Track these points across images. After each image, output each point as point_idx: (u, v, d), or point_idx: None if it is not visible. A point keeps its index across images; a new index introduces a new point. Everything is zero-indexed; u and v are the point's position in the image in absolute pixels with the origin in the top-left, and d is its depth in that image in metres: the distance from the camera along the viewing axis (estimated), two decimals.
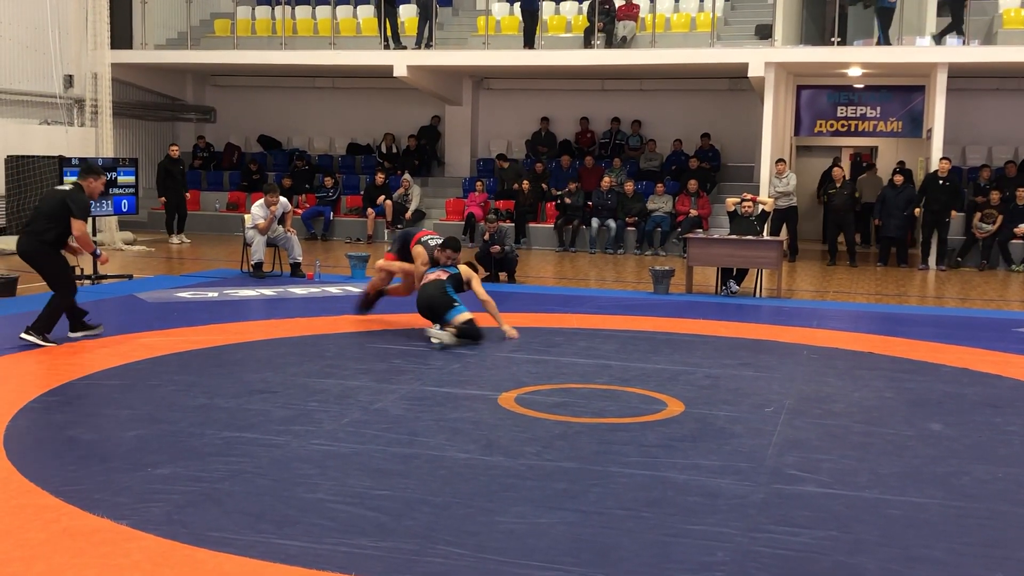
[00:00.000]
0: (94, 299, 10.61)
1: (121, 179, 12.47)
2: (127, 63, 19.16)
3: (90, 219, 8.01)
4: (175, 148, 18.03)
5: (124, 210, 12.71)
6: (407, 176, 19.02)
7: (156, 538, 4.09)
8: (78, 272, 11.78)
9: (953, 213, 15.54)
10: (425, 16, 18.38)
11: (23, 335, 8.01)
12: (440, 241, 9.22)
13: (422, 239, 9.40)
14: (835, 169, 16.83)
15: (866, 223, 17.37)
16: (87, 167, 8.71)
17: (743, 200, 12.48)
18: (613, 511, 4.52)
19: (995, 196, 15.88)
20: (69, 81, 18.27)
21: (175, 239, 17.34)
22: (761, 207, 12.55)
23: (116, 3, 18.61)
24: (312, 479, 4.86)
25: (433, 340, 8.36)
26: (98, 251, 8.65)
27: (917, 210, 15.73)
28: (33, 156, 16.38)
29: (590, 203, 17.66)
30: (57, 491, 4.60)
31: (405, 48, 18.46)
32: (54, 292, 8.20)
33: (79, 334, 8.40)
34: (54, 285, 8.21)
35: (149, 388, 6.73)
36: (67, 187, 8.41)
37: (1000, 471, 5.27)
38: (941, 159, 15.44)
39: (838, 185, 16.18)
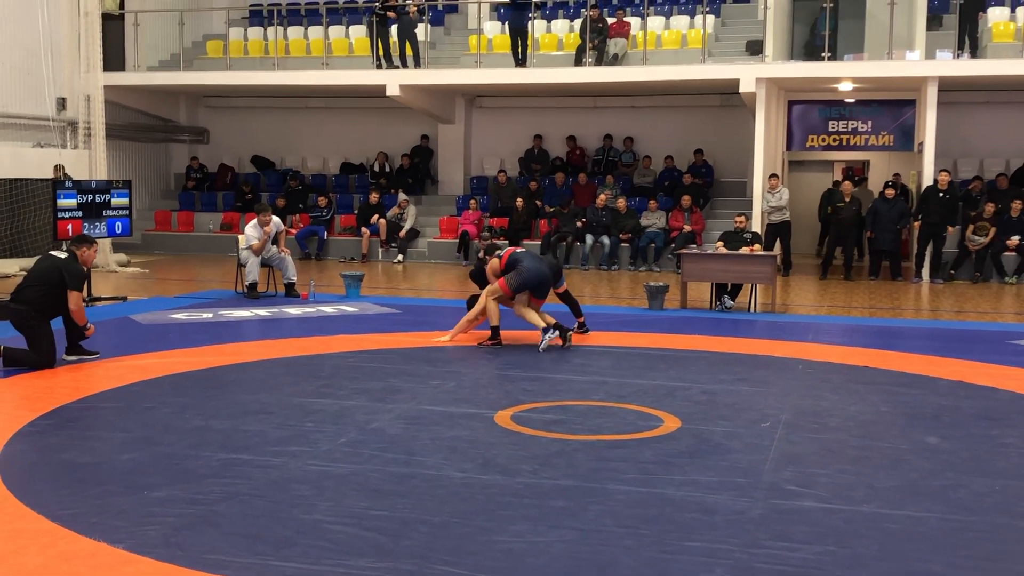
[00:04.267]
0: (89, 321, 10.58)
1: (115, 201, 12.45)
2: (120, 85, 19.18)
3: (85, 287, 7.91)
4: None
5: (118, 232, 12.70)
6: (403, 196, 19.04)
7: (153, 561, 4.07)
8: None
9: (949, 229, 15.56)
10: (404, 36, 18.38)
11: None
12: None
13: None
14: (844, 183, 16.87)
15: (858, 236, 17.43)
16: (80, 237, 8.77)
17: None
18: (611, 528, 4.51)
19: (990, 208, 15.92)
20: (62, 104, 18.28)
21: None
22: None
23: (108, 25, 18.64)
24: (309, 500, 4.85)
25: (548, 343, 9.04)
26: (88, 326, 8.35)
27: (916, 223, 15.77)
28: (26, 179, 16.37)
29: (584, 220, 17.69)
30: (53, 515, 4.58)
31: (398, 67, 18.50)
32: (34, 354, 8.05)
33: (74, 357, 8.40)
34: (36, 352, 8.06)
35: (144, 410, 6.71)
36: (62, 255, 8.35)
37: (997, 484, 5.27)
38: (940, 172, 15.49)
39: (847, 200, 16.21)
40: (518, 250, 9.84)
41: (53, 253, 8.47)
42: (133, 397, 7.10)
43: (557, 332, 9.19)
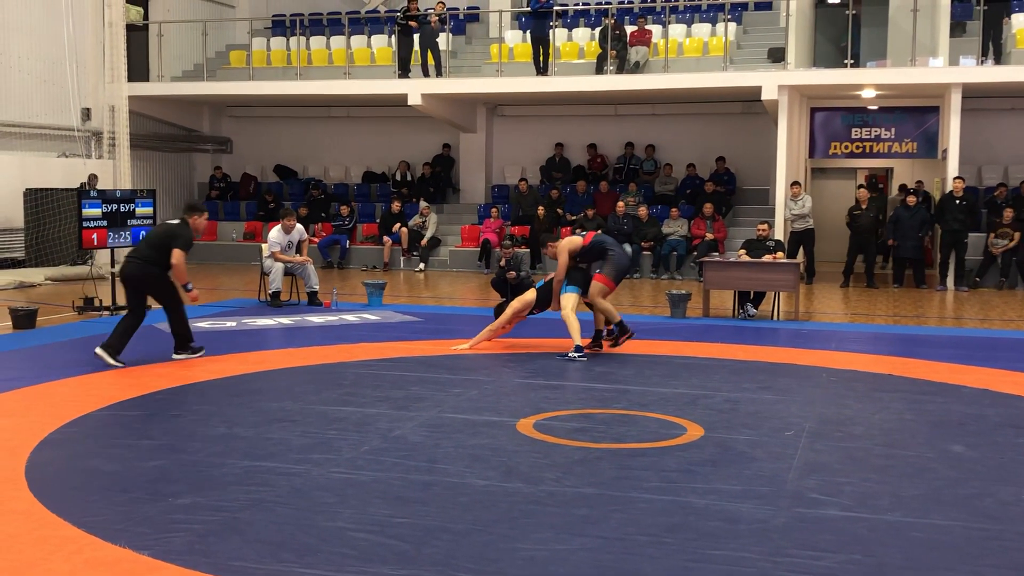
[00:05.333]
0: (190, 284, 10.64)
1: (139, 211, 12.53)
2: (144, 95, 19.35)
3: (183, 252, 8.79)
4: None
5: None
6: (425, 204, 19.09)
7: (178, 568, 4.09)
8: (96, 303, 11.90)
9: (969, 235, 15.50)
10: (427, 45, 18.44)
11: (97, 351, 8.51)
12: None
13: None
14: (859, 190, 16.81)
15: (882, 243, 17.37)
16: (191, 204, 9.34)
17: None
18: (634, 537, 4.50)
19: (1008, 214, 15.84)
20: (87, 114, 18.45)
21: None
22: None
23: (133, 36, 18.79)
24: (332, 507, 4.86)
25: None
26: (189, 285, 8.99)
27: (929, 235, 15.74)
28: (51, 189, 16.53)
29: (605, 228, 17.67)
30: (79, 522, 4.61)
31: (419, 77, 18.56)
32: (166, 311, 8.84)
33: (182, 356, 8.91)
34: (164, 304, 8.84)
35: (169, 418, 6.75)
36: (175, 221, 9.02)
37: (1023, 493, 5.23)
38: (955, 179, 15.42)
39: (863, 207, 16.15)
40: (600, 234, 9.80)
41: (168, 221, 9.15)
42: (158, 405, 7.14)
43: (584, 358, 9.08)
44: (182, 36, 20.96)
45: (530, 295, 9.74)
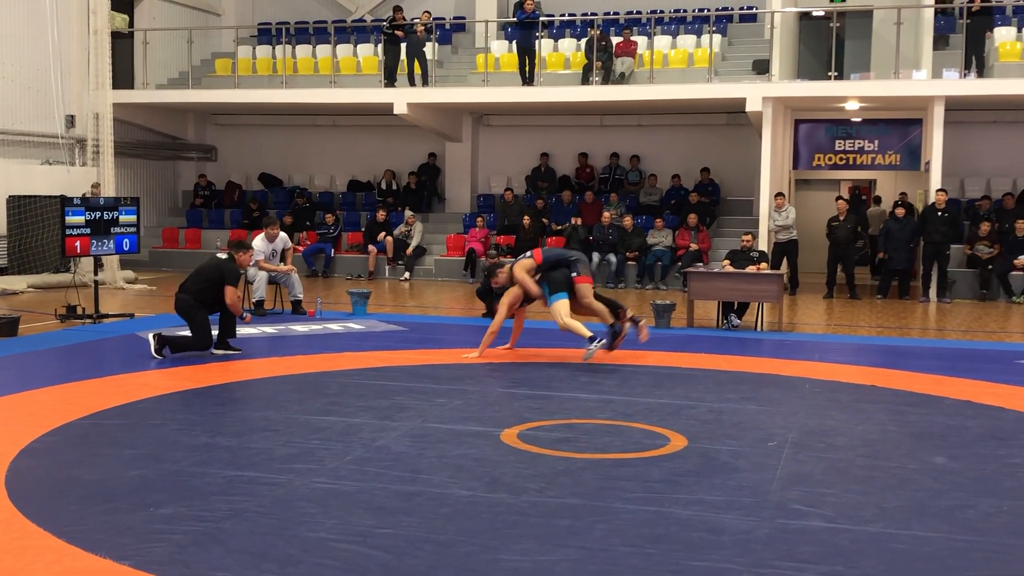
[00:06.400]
0: (96, 338, 10.63)
1: (123, 218, 12.48)
2: (129, 103, 19.28)
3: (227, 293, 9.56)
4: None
5: (125, 249, 12.72)
6: (410, 213, 19.08)
7: None
8: (79, 311, 11.85)
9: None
10: (413, 54, 18.45)
11: (151, 334, 9.55)
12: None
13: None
14: (838, 202, 16.90)
15: (873, 256, 17.45)
16: (237, 242, 10.18)
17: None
18: (617, 548, 4.50)
19: (985, 227, 15.97)
20: (71, 121, 18.38)
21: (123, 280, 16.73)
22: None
23: (118, 44, 18.76)
24: (315, 518, 4.84)
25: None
26: (244, 314, 9.86)
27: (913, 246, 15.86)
28: (35, 196, 16.45)
29: (591, 237, 17.72)
30: (59, 532, 4.58)
31: (405, 86, 18.57)
32: (192, 338, 9.46)
33: (220, 352, 9.53)
34: (194, 334, 9.44)
35: (151, 427, 6.72)
36: (223, 256, 9.77)
37: (1005, 504, 5.25)
38: (938, 191, 15.51)
39: (841, 218, 16.24)
40: (547, 247, 9.99)
41: (217, 255, 9.87)
42: (140, 414, 7.10)
43: (603, 341, 9.19)
44: (167, 43, 20.93)
45: (517, 290, 9.66)
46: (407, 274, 18.40)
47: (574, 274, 9.52)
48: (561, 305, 9.37)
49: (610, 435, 6.69)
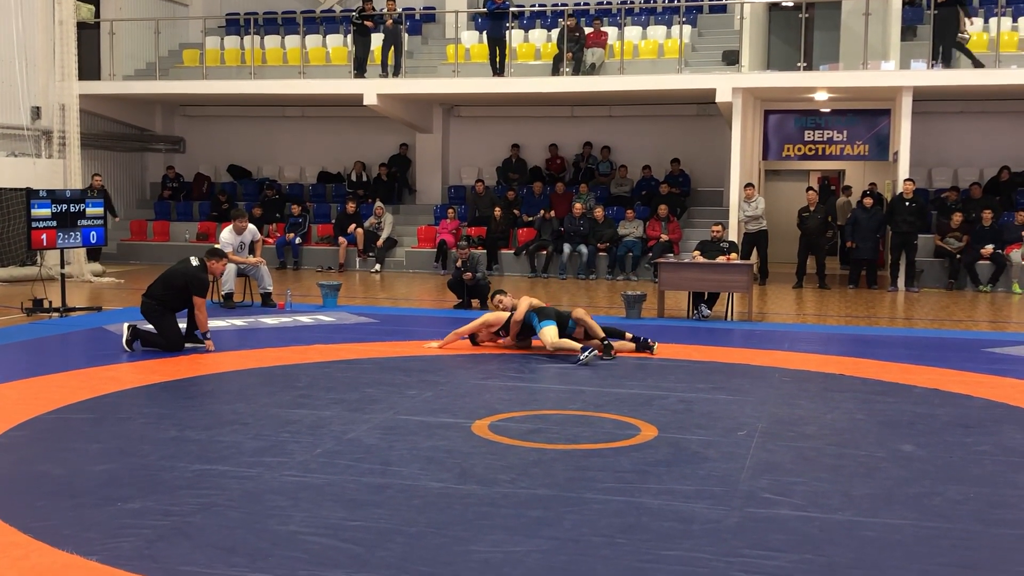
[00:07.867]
0: (63, 331, 10.53)
1: (89, 211, 12.36)
2: (95, 94, 19.09)
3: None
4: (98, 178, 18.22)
5: (92, 241, 12.61)
6: (380, 204, 19.02)
7: (127, 574, 4.03)
8: (46, 305, 11.73)
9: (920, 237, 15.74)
10: (390, 43, 18.39)
11: (125, 325, 9.35)
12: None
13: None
14: (809, 193, 16.99)
15: (842, 245, 17.55)
16: (213, 250, 9.94)
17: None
18: (588, 538, 4.51)
19: (957, 218, 16.12)
20: (36, 113, 18.15)
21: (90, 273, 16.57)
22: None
23: (83, 34, 18.53)
24: (285, 511, 4.82)
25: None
26: (208, 334, 9.40)
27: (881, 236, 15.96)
28: (0, 188, 16.25)
29: (562, 228, 17.73)
30: (26, 527, 4.53)
31: (374, 76, 18.49)
32: (161, 339, 9.27)
33: (189, 345, 9.36)
34: (163, 338, 9.25)
35: (119, 421, 6.66)
36: (195, 262, 9.50)
37: (972, 491, 5.30)
38: (905, 181, 15.63)
39: (812, 209, 16.33)
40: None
41: (189, 259, 9.59)
42: (107, 408, 7.04)
43: (594, 352, 9.14)
44: (134, 34, 20.70)
45: (505, 315, 9.73)
46: (378, 266, 18.34)
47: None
48: (549, 332, 9.33)
49: (581, 426, 6.70)
